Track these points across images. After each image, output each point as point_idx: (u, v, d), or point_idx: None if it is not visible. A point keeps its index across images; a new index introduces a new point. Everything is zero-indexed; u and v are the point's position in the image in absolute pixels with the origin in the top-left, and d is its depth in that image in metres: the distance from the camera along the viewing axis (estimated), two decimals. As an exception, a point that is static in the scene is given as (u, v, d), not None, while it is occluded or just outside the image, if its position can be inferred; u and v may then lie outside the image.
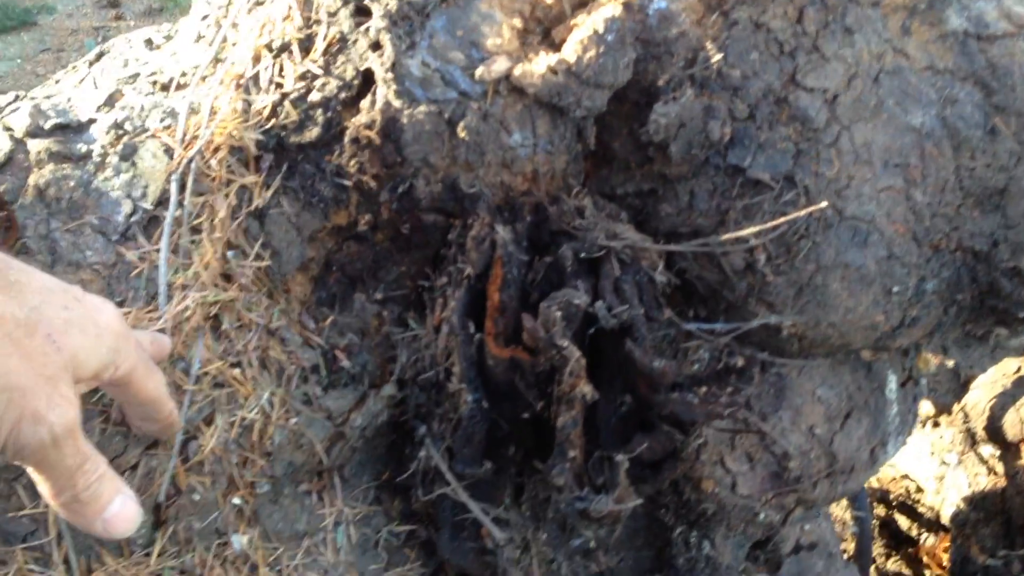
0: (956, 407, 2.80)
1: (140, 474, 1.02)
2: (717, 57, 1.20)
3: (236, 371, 1.07)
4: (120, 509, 0.73)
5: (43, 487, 0.70)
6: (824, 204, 1.21)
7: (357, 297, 1.20)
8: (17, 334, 0.62)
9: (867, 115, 1.27)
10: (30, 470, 0.67)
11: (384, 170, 1.13)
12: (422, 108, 1.12)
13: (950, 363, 2.85)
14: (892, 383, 1.54)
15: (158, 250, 1.07)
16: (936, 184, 1.30)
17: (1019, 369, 2.70)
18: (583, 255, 1.18)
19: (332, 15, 1.13)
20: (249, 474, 1.08)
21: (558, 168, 1.22)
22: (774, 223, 1.19)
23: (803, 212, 1.20)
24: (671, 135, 1.20)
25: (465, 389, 1.11)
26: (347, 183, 1.13)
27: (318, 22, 1.14)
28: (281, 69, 1.13)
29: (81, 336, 0.68)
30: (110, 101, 1.15)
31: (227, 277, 1.09)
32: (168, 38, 1.25)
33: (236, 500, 1.07)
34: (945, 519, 2.68)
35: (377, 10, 1.12)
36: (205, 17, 1.23)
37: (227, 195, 1.09)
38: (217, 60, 1.17)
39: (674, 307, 1.35)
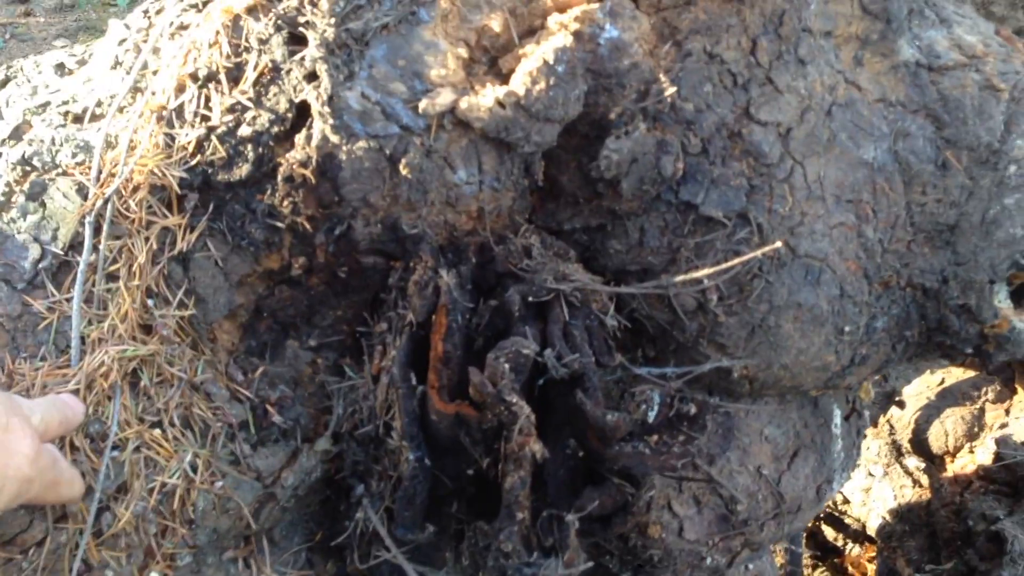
0: (882, 419, 2.83)
1: (47, 550, 0.92)
2: (671, 90, 1.14)
3: (156, 432, 0.98)
4: None
5: None
6: (778, 244, 1.18)
7: (290, 344, 1.12)
8: None
9: (820, 149, 1.23)
10: None
11: (320, 210, 1.05)
12: (361, 144, 1.04)
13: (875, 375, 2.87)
14: (838, 417, 1.52)
15: (70, 299, 0.97)
16: (888, 220, 1.27)
17: (942, 381, 2.73)
18: (531, 298, 1.12)
19: (264, 42, 1.05)
20: (169, 544, 0.99)
21: (504, 205, 1.15)
22: (728, 265, 1.15)
23: (757, 253, 1.16)
24: (623, 171, 1.14)
25: (407, 446, 1.03)
26: (280, 224, 1.05)
27: (248, 50, 1.05)
28: (207, 100, 1.04)
29: None
30: (16, 134, 1.05)
31: (146, 328, 1.00)
32: (81, 63, 1.15)
33: (154, 574, 0.98)
34: (871, 531, 2.70)
35: (313, 38, 1.03)
36: (123, 41, 1.13)
37: (147, 238, 1.00)
38: (136, 89, 1.07)
39: (623, 346, 1.30)
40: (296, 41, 1.05)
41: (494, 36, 1.12)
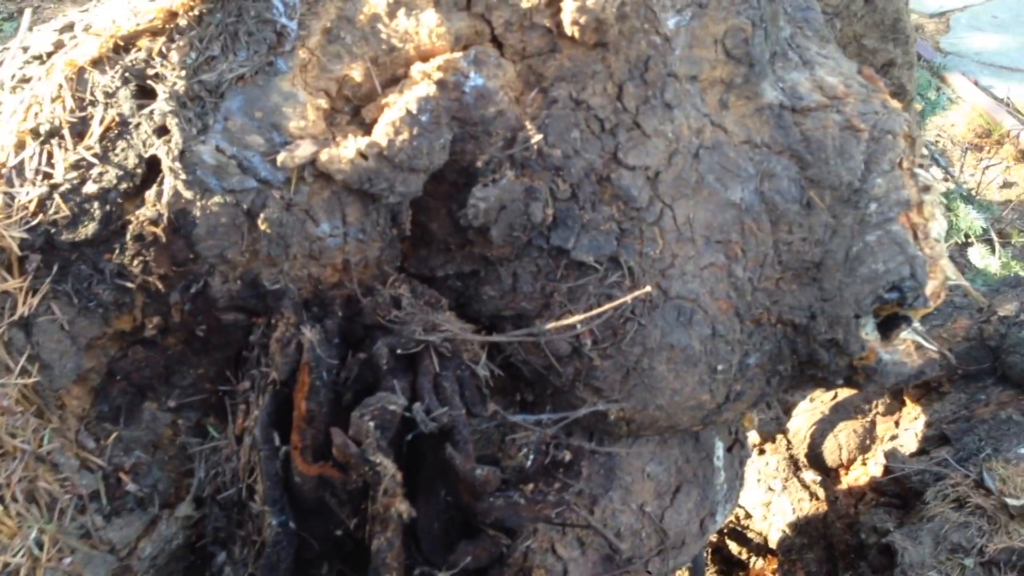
0: (779, 435, 2.89)
1: None
2: (537, 137, 1.14)
3: (-3, 509, 0.92)
4: None
5: None
6: (648, 289, 1.18)
7: (147, 407, 1.07)
8: None
9: (688, 192, 1.24)
10: None
11: (174, 268, 1.01)
12: (216, 199, 1.00)
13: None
14: (720, 450, 1.54)
15: None
16: (756, 259, 1.29)
17: (835, 395, 2.80)
18: (400, 351, 1.10)
19: (110, 96, 1.00)
20: (14, 629, 0.93)
21: (371, 256, 1.13)
22: (598, 311, 1.15)
23: (627, 298, 1.16)
24: (491, 218, 1.13)
25: (269, 511, 1.00)
26: (130, 284, 1.01)
27: (93, 103, 1.01)
28: (50, 157, 1.00)
29: None
30: None
31: (-15, 400, 0.94)
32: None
33: (-1, 660, 0.92)
34: (773, 543, 2.75)
35: (162, 91, 1.00)
36: (-43, 96, 1.07)
37: (-16, 304, 0.94)
38: (-29, 147, 1.02)
39: (500, 391, 1.29)
40: (145, 94, 1.01)
41: (356, 86, 1.10)
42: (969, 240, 3.96)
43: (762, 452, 2.89)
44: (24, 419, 0.96)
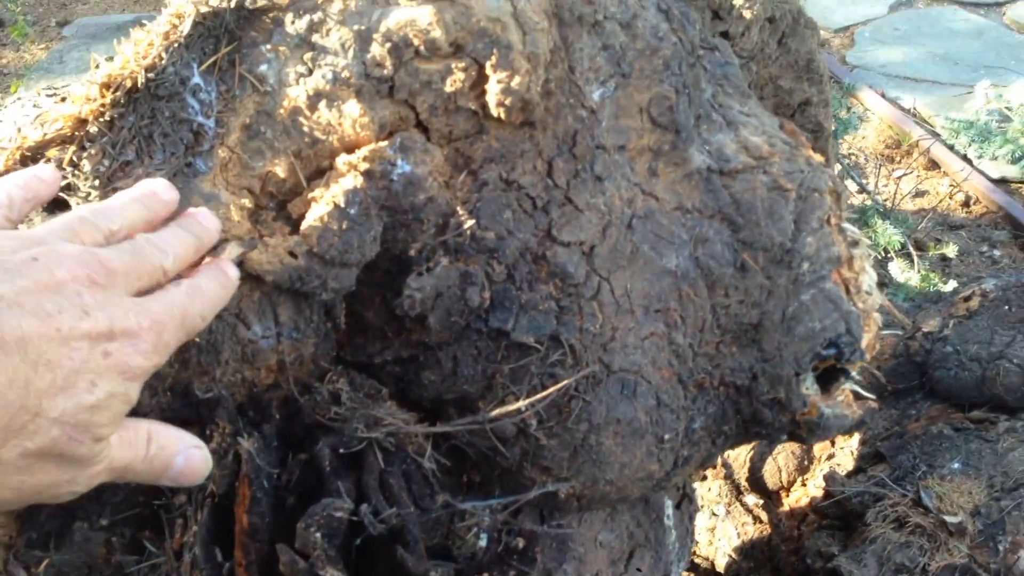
0: (720, 459, 2.91)
1: None
2: (469, 222, 1.12)
3: (-82, 664, 0.86)
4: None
5: None
6: (592, 369, 1.17)
7: (78, 527, 1.02)
8: None
9: (624, 263, 1.24)
10: None
11: (99, 387, 0.96)
12: (141, 312, 0.96)
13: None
14: (669, 509, 1.54)
15: None
16: (695, 325, 1.30)
17: (773, 418, 2.82)
18: (342, 450, 1.06)
19: (20, 211, 0.96)
20: None
21: (307, 353, 1.10)
22: (543, 395, 1.13)
23: (571, 380, 1.15)
24: (428, 307, 1.11)
25: (215, 636, 0.96)
26: (53, 408, 0.95)
27: (3, 221, 0.95)
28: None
29: None
30: None
31: (-100, 546, 0.89)
32: None
33: None
34: (720, 568, 2.76)
35: (75, 202, 0.95)
36: None
37: None
38: None
39: (446, 472, 1.26)
40: (57, 206, 0.97)
41: (280, 181, 1.06)
42: (888, 255, 4.06)
43: (704, 478, 2.91)
44: (-54, 559, 0.91)
